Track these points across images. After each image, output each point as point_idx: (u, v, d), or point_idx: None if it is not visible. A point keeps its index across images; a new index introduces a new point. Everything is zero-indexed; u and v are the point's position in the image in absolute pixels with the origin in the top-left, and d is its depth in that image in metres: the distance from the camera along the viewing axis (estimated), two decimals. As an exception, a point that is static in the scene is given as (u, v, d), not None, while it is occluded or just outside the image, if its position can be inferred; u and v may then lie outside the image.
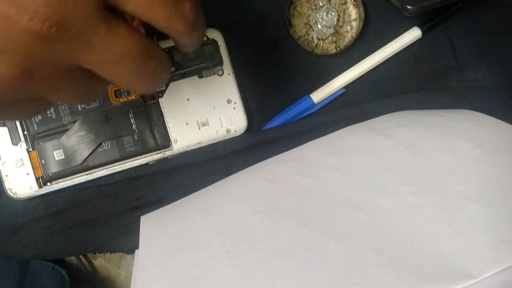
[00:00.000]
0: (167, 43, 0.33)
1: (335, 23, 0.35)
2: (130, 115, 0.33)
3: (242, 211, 0.27)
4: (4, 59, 0.16)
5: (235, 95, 0.34)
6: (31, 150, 0.32)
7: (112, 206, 0.33)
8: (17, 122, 0.32)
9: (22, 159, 0.32)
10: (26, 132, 0.32)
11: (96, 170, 0.32)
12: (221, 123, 0.33)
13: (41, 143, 0.32)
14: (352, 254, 0.22)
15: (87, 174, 0.32)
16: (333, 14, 0.35)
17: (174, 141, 0.33)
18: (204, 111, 0.33)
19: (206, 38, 0.33)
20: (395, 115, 0.33)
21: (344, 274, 0.21)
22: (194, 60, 0.33)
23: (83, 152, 0.32)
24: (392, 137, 0.29)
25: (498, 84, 0.35)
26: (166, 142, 0.33)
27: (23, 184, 0.32)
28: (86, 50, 0.17)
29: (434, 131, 0.29)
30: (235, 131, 0.34)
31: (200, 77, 0.33)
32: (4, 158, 0.32)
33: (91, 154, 0.32)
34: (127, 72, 0.18)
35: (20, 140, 0.32)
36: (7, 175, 0.32)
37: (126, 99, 0.33)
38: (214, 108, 0.33)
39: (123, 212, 0.34)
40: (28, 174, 0.32)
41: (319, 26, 0.35)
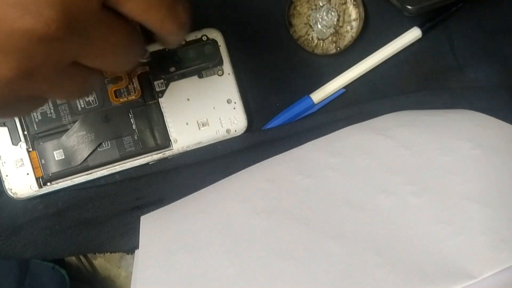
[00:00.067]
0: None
1: (335, 23, 0.35)
2: (130, 115, 0.33)
3: (242, 211, 0.27)
4: (6, 59, 0.16)
5: (235, 95, 0.34)
6: (31, 150, 0.32)
7: (112, 206, 0.33)
8: (17, 122, 0.32)
9: (22, 159, 0.32)
10: (26, 132, 0.32)
11: (96, 170, 0.32)
12: (221, 123, 0.33)
13: (41, 143, 0.32)
14: (352, 254, 0.22)
15: (87, 174, 0.32)
16: (333, 14, 0.35)
17: (174, 141, 0.33)
18: (204, 111, 0.33)
19: (206, 38, 0.33)
20: (395, 115, 0.33)
21: (344, 274, 0.21)
22: (194, 60, 0.33)
23: (83, 152, 0.32)
24: (392, 137, 0.29)
25: (498, 84, 0.35)
26: (166, 142, 0.33)
27: (23, 184, 0.32)
28: (86, 47, 0.17)
29: (434, 131, 0.29)
30: (235, 131, 0.34)
31: (200, 77, 0.33)
32: (4, 158, 0.32)
33: (91, 154, 0.32)
34: (117, 58, 0.19)
35: (20, 140, 0.32)
36: (7, 175, 0.32)
37: (126, 99, 0.33)
38: (214, 108, 0.33)
39: (123, 212, 0.34)
40: (28, 174, 0.32)
41: (319, 26, 0.35)
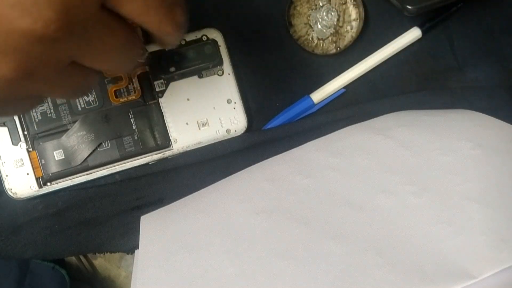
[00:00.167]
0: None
1: (335, 23, 0.35)
2: (130, 115, 0.33)
3: (242, 211, 0.27)
4: (5, 60, 0.16)
5: (235, 95, 0.34)
6: (31, 150, 0.32)
7: (112, 206, 0.33)
8: (17, 122, 0.32)
9: (22, 159, 0.32)
10: (26, 132, 0.32)
11: (96, 170, 0.32)
12: (221, 123, 0.33)
13: (41, 143, 0.32)
14: (352, 254, 0.22)
15: (87, 174, 0.32)
16: (333, 14, 0.35)
17: (174, 141, 0.33)
18: (204, 111, 0.33)
19: (206, 38, 0.33)
20: (395, 115, 0.33)
21: (344, 274, 0.21)
22: (194, 60, 0.33)
23: (83, 152, 0.32)
24: (392, 137, 0.29)
25: (498, 84, 0.35)
26: (166, 142, 0.33)
27: (23, 184, 0.32)
28: (85, 47, 0.17)
29: (434, 131, 0.29)
30: (235, 131, 0.34)
31: (200, 77, 0.33)
32: (4, 158, 0.32)
33: (91, 154, 0.32)
34: (116, 59, 0.19)
35: (20, 140, 0.32)
36: (7, 175, 0.32)
37: (126, 99, 0.33)
38: (214, 108, 0.33)
39: (123, 212, 0.34)
40: (28, 174, 0.32)
41: (319, 26, 0.35)
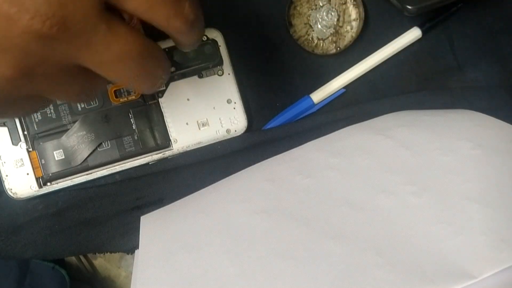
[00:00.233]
0: (167, 43, 0.33)
1: (335, 23, 0.35)
2: (130, 115, 0.33)
3: (242, 211, 0.27)
4: (4, 58, 0.16)
5: (235, 95, 0.34)
6: (31, 150, 0.32)
7: (112, 206, 0.33)
8: (17, 122, 0.32)
9: (22, 159, 0.32)
10: (26, 132, 0.32)
11: (96, 170, 0.32)
12: (221, 123, 0.33)
13: (41, 143, 0.32)
14: (352, 254, 0.22)
15: (87, 174, 0.32)
16: (333, 14, 0.35)
17: (174, 141, 0.33)
18: (204, 111, 0.33)
19: (206, 38, 0.33)
20: (395, 115, 0.33)
21: (344, 274, 0.21)
22: (194, 60, 0.33)
23: (83, 152, 0.32)
24: (392, 137, 0.29)
25: (498, 84, 0.35)
26: (166, 142, 0.33)
27: (23, 184, 0.32)
28: (86, 49, 0.17)
29: (434, 131, 0.29)
30: (235, 131, 0.34)
31: (200, 77, 0.33)
32: (4, 158, 0.32)
33: (91, 154, 0.32)
34: (127, 72, 0.18)
35: (20, 140, 0.32)
36: (7, 175, 0.32)
37: (126, 99, 0.33)
38: (214, 108, 0.33)
39: (123, 212, 0.34)
40: (28, 174, 0.32)
41: (319, 26, 0.35)
